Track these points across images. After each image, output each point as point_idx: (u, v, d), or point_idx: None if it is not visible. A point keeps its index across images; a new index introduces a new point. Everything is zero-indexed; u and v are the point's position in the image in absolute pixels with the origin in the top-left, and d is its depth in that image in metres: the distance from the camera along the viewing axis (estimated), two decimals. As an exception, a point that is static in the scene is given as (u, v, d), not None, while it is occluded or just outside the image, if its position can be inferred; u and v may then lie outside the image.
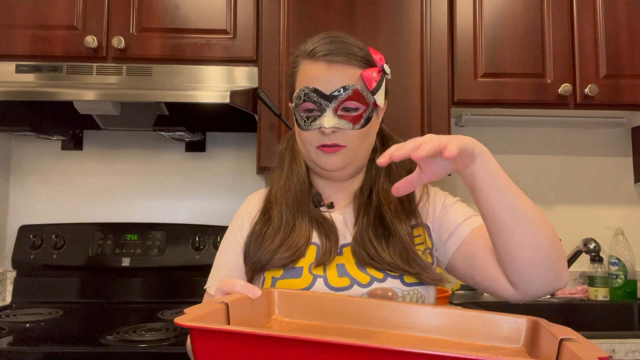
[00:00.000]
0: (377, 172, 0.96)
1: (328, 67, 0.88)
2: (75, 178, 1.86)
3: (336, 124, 0.87)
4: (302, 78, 0.91)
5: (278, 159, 1.01)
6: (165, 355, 1.18)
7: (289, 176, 0.96)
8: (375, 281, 0.85)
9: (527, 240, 0.75)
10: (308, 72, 0.90)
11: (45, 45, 1.52)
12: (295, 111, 0.92)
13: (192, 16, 1.55)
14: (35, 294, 1.68)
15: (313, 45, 0.91)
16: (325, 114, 0.87)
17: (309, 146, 0.91)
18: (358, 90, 0.88)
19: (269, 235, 0.90)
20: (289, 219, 0.91)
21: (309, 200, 0.95)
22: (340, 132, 0.88)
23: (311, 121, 0.89)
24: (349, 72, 0.88)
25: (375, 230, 0.89)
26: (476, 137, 0.79)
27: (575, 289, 1.81)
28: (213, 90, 1.48)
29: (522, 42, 1.59)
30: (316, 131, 0.89)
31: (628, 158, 1.93)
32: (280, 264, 0.86)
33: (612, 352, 1.23)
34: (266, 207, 0.96)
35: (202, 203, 1.86)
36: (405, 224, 0.90)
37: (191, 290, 1.68)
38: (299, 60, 0.93)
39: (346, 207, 0.96)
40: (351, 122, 0.88)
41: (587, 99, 1.58)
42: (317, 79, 0.88)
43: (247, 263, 0.92)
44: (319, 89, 0.88)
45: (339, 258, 0.88)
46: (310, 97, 0.88)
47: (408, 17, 1.56)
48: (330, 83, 0.87)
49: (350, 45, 0.90)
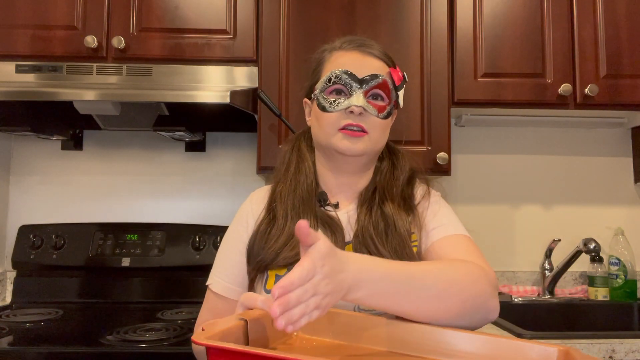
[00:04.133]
0: (382, 175, 0.98)
1: (361, 56, 0.93)
2: (75, 178, 1.86)
3: (365, 105, 0.89)
4: (332, 65, 0.93)
5: (283, 158, 1.01)
6: (165, 355, 1.18)
7: (295, 176, 0.97)
8: None
9: (435, 315, 0.73)
10: (340, 59, 0.93)
11: (45, 45, 1.52)
12: (318, 97, 0.93)
13: (192, 16, 1.55)
14: (35, 294, 1.68)
15: (343, 41, 0.96)
16: (355, 95, 0.89)
17: (330, 129, 0.91)
18: (387, 82, 0.92)
19: (274, 235, 0.90)
20: (294, 218, 0.91)
21: (314, 200, 0.95)
22: (366, 116, 0.90)
23: (338, 103, 0.90)
24: (379, 65, 0.94)
25: (376, 226, 0.90)
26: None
27: (575, 289, 1.81)
28: (213, 90, 1.48)
29: (522, 42, 1.59)
30: (341, 112, 0.90)
31: (628, 158, 1.93)
32: (285, 263, 0.86)
33: (612, 352, 1.23)
34: (271, 206, 0.96)
35: (202, 203, 1.86)
36: (405, 221, 0.91)
37: (191, 290, 1.68)
38: (327, 53, 0.97)
39: (350, 206, 0.97)
40: (377, 110, 0.91)
41: (587, 99, 1.58)
42: (349, 64, 0.92)
43: (250, 262, 0.91)
44: (351, 72, 0.90)
45: None
46: (342, 79, 0.90)
47: (408, 17, 1.56)
48: (362, 69, 0.91)
49: (378, 45, 0.97)
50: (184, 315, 1.50)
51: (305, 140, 1.03)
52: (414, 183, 1.00)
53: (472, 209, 1.89)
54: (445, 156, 1.52)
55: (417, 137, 1.54)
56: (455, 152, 1.86)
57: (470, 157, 1.90)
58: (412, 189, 0.99)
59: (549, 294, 1.77)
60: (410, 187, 0.99)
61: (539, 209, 1.91)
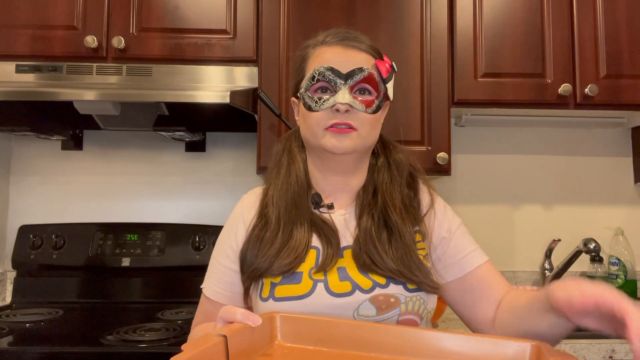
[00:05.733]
0: (380, 174, 0.95)
1: (344, 50, 0.89)
2: (75, 178, 1.86)
3: (351, 101, 0.86)
4: (315, 62, 0.90)
5: (275, 159, 0.99)
6: (165, 355, 1.17)
7: (287, 178, 0.94)
8: (378, 287, 0.83)
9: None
10: (323, 55, 0.89)
11: (45, 45, 1.52)
12: (303, 96, 0.89)
13: (192, 16, 1.55)
14: (35, 294, 1.68)
15: (326, 34, 0.92)
16: (340, 92, 0.86)
17: (317, 128, 0.88)
18: (373, 75, 0.88)
19: (267, 241, 0.88)
20: (287, 223, 0.88)
21: (307, 202, 0.92)
22: (353, 113, 0.86)
23: (323, 101, 0.87)
24: (364, 58, 0.89)
25: (378, 232, 0.87)
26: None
27: (575, 289, 1.81)
28: (213, 90, 1.48)
29: (522, 42, 1.59)
30: (327, 111, 0.87)
31: (628, 158, 1.93)
32: (279, 271, 0.84)
33: (612, 352, 1.23)
34: (263, 210, 0.93)
35: (202, 203, 1.86)
36: (409, 228, 0.88)
37: (191, 290, 1.67)
38: (310, 49, 0.93)
39: (347, 207, 0.94)
40: (364, 105, 0.87)
41: (587, 99, 1.58)
42: (332, 60, 0.88)
43: (244, 271, 0.89)
44: (335, 68, 0.87)
45: (340, 261, 0.86)
46: (325, 76, 0.87)
47: (408, 17, 1.56)
48: (346, 64, 0.87)
49: (363, 37, 0.92)
50: (184, 315, 1.50)
51: (296, 140, 0.99)
52: (417, 188, 0.96)
53: (472, 209, 1.89)
54: (445, 156, 1.52)
55: (417, 137, 1.54)
56: (455, 152, 1.86)
57: (470, 157, 1.90)
58: (415, 193, 0.95)
59: (549, 294, 1.77)
60: (413, 191, 0.95)
61: (539, 209, 1.91)
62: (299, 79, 0.93)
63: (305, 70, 0.91)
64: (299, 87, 0.92)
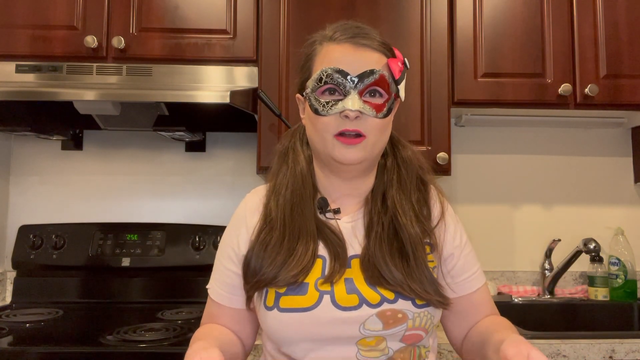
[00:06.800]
0: (389, 177, 0.91)
1: (354, 49, 0.84)
2: (75, 178, 1.86)
3: (361, 107, 0.81)
4: (322, 61, 0.85)
5: (278, 158, 0.95)
6: (165, 355, 1.18)
7: (291, 179, 0.90)
8: (386, 302, 0.80)
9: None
10: (331, 54, 0.84)
11: (45, 45, 1.52)
12: (310, 97, 0.85)
13: (192, 16, 1.55)
14: (35, 294, 1.68)
15: (335, 29, 0.86)
16: (350, 96, 0.81)
17: (326, 134, 0.83)
18: (384, 77, 0.83)
19: (272, 249, 0.84)
20: (293, 231, 0.85)
21: (313, 207, 0.88)
22: (363, 119, 0.82)
23: (331, 105, 0.82)
24: (375, 57, 0.84)
25: (389, 244, 0.83)
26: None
27: (575, 289, 1.81)
28: (213, 90, 1.48)
29: (522, 42, 1.59)
30: (335, 116, 0.82)
31: (628, 158, 1.93)
32: (285, 283, 0.81)
33: (612, 352, 1.23)
34: (267, 213, 0.89)
35: (202, 203, 1.86)
36: (420, 239, 0.85)
37: (191, 290, 1.68)
38: (318, 45, 0.88)
39: (355, 214, 0.90)
40: (375, 110, 0.82)
41: (587, 99, 1.58)
42: (341, 60, 0.83)
43: (248, 280, 0.86)
44: (344, 70, 0.82)
45: (347, 271, 0.83)
46: (333, 78, 0.82)
47: (408, 17, 1.56)
48: (356, 65, 0.82)
49: (374, 33, 0.87)
50: (184, 315, 1.50)
51: (300, 137, 0.95)
52: (428, 195, 0.92)
53: (472, 209, 1.89)
54: (445, 156, 1.52)
55: (417, 137, 1.54)
56: (455, 152, 1.86)
57: (470, 157, 1.90)
58: (425, 200, 0.91)
59: (549, 294, 1.77)
60: (423, 198, 0.91)
61: (539, 209, 1.91)
62: (305, 77, 0.89)
63: (312, 68, 0.87)
64: (305, 86, 0.87)
